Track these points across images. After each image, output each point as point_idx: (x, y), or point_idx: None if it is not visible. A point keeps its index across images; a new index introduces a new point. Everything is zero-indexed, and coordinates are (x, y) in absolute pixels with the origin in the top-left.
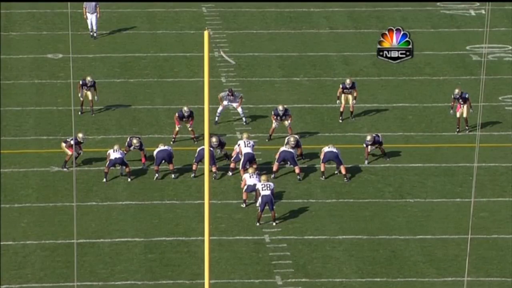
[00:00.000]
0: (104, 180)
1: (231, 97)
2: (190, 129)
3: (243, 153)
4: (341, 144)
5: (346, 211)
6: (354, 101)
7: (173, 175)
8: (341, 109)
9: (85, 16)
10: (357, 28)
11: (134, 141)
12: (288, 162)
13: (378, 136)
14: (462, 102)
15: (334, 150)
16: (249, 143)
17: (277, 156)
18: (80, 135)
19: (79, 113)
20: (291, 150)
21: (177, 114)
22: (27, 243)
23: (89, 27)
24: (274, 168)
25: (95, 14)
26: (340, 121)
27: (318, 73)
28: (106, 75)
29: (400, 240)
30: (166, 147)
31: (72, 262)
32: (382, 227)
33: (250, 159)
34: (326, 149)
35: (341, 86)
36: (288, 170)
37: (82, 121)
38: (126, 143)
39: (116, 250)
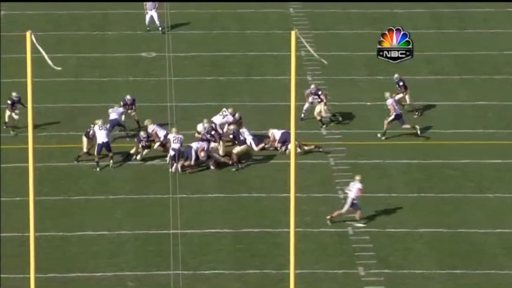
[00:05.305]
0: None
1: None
2: (134, 115)
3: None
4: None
5: (427, 205)
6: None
7: (111, 161)
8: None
9: (146, 12)
10: (439, 29)
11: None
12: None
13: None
14: (404, 89)
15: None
16: (246, 132)
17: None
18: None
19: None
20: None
21: (121, 102)
22: (121, 233)
23: (146, 22)
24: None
25: (155, 10)
26: (340, 119)
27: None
28: (197, 73)
29: (480, 233)
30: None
31: (164, 251)
32: (462, 221)
33: (284, 140)
34: (276, 130)
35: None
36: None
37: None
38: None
39: (205, 240)
